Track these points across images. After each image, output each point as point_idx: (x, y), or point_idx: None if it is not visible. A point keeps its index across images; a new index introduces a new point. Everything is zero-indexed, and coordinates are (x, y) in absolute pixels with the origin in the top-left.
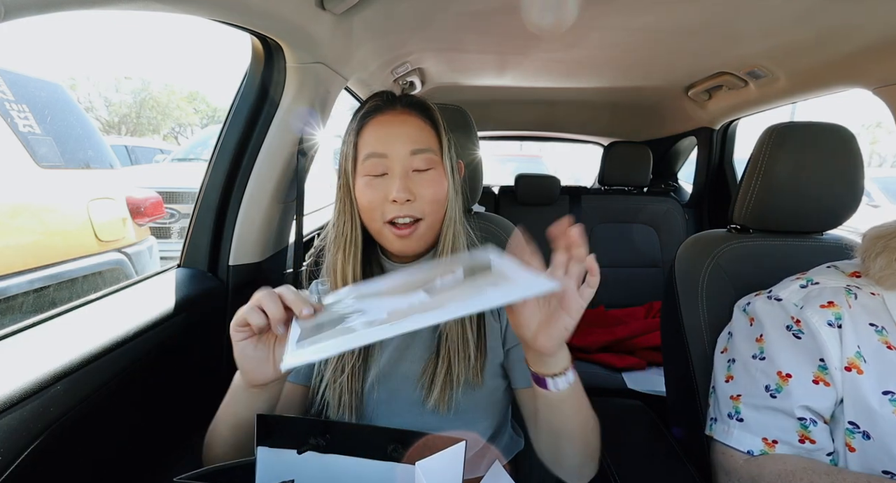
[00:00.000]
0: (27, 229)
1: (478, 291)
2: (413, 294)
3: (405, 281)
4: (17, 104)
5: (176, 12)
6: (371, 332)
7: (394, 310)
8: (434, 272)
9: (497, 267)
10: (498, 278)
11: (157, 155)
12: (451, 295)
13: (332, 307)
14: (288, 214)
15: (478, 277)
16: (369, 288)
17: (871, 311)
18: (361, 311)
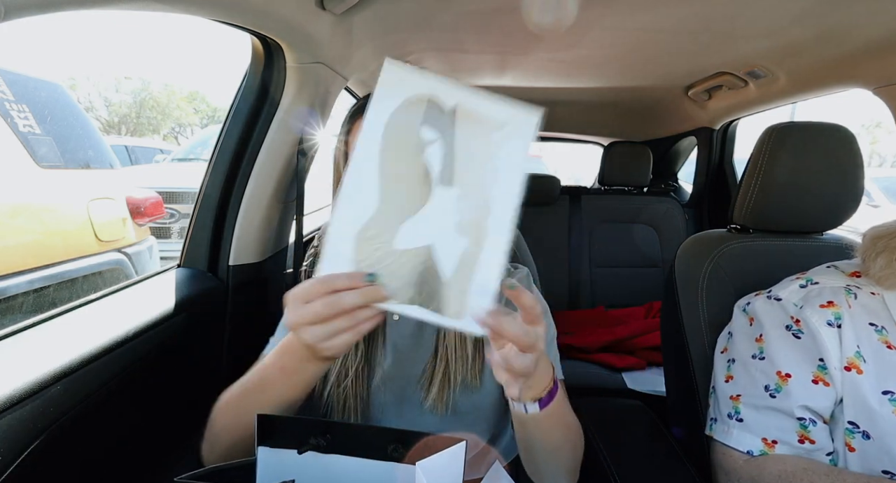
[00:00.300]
0: (27, 229)
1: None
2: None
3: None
4: (17, 104)
5: (176, 12)
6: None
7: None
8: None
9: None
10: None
11: (157, 155)
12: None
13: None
14: (288, 214)
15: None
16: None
17: (871, 311)
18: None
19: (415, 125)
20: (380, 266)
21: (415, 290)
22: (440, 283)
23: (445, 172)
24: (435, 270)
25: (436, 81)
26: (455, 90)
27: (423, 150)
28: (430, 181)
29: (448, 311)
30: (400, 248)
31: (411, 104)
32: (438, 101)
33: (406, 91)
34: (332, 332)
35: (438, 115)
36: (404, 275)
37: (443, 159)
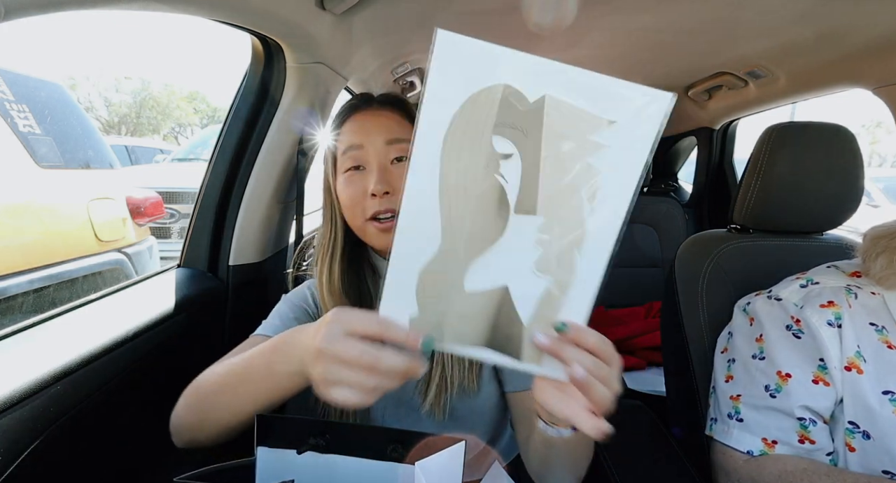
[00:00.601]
0: (27, 229)
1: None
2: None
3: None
4: (17, 104)
5: (176, 12)
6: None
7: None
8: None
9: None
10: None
11: (157, 155)
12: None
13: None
14: (288, 214)
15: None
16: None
17: (872, 311)
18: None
19: (484, 132)
20: (447, 307)
21: (487, 334)
22: (517, 328)
23: (525, 196)
24: (511, 315)
25: (515, 59)
26: (545, 69)
27: (497, 167)
28: (505, 208)
29: (526, 355)
30: (469, 290)
31: (479, 100)
32: (517, 92)
33: (473, 79)
34: (347, 381)
35: (517, 113)
36: (475, 318)
37: (522, 178)
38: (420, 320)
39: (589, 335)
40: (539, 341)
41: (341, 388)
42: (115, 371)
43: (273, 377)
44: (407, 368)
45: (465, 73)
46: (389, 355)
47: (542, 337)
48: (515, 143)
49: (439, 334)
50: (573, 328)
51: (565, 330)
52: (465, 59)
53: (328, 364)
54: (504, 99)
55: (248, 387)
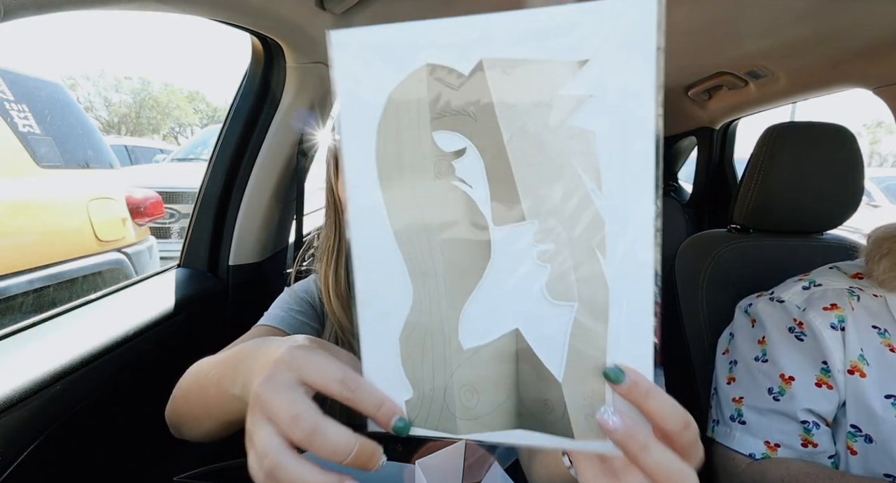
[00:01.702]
0: (27, 229)
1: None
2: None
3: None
4: (17, 104)
5: (176, 12)
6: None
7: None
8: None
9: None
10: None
11: (157, 155)
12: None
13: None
14: (288, 214)
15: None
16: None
17: (874, 314)
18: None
19: (421, 131)
20: (448, 377)
21: (514, 406)
22: (553, 388)
23: (502, 200)
24: (538, 369)
25: (428, 31)
26: (468, 29)
27: (451, 171)
28: (480, 222)
29: (581, 429)
30: (470, 348)
31: (402, 96)
32: (445, 68)
33: (386, 74)
34: (266, 449)
35: (454, 95)
36: (490, 385)
37: (490, 176)
38: (417, 403)
39: (654, 395)
40: (606, 423)
41: (254, 458)
42: (115, 371)
43: (222, 395)
44: (355, 457)
45: (374, 71)
46: (331, 433)
47: (612, 416)
48: (465, 134)
49: (449, 419)
50: (632, 379)
51: (621, 380)
52: (370, 55)
53: (256, 417)
54: (431, 83)
55: (204, 400)
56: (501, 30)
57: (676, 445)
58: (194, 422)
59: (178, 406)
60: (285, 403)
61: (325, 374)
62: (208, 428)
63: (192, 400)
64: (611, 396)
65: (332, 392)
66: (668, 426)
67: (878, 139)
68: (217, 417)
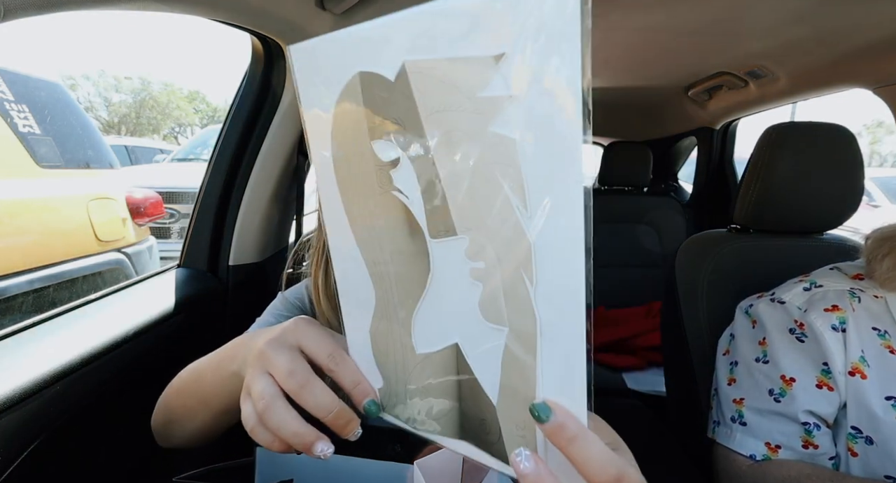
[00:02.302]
0: (27, 229)
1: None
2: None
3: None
4: (17, 104)
5: (176, 12)
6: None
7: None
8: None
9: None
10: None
11: (157, 155)
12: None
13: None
14: (288, 214)
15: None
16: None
17: (875, 315)
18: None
19: (362, 141)
20: (408, 378)
21: (457, 418)
22: (488, 411)
23: (433, 212)
24: (475, 389)
25: (355, 37)
26: (389, 31)
27: (390, 181)
28: (419, 234)
29: (513, 455)
30: (422, 353)
31: (344, 105)
32: (374, 75)
33: (332, 85)
34: (261, 399)
35: (384, 102)
36: (439, 392)
37: (422, 187)
38: (386, 393)
39: (581, 440)
40: (517, 466)
41: (249, 406)
42: (114, 371)
43: (219, 377)
44: (334, 417)
45: (323, 82)
46: (317, 391)
47: (525, 460)
48: (398, 143)
49: (411, 415)
50: (558, 422)
51: (546, 420)
52: (319, 66)
53: (257, 369)
54: (365, 91)
55: (200, 387)
56: (418, 27)
57: None
58: (186, 415)
59: (169, 402)
60: (285, 359)
61: (319, 345)
62: (201, 420)
63: (187, 391)
64: (542, 434)
65: (320, 362)
66: (595, 479)
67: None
68: (211, 404)
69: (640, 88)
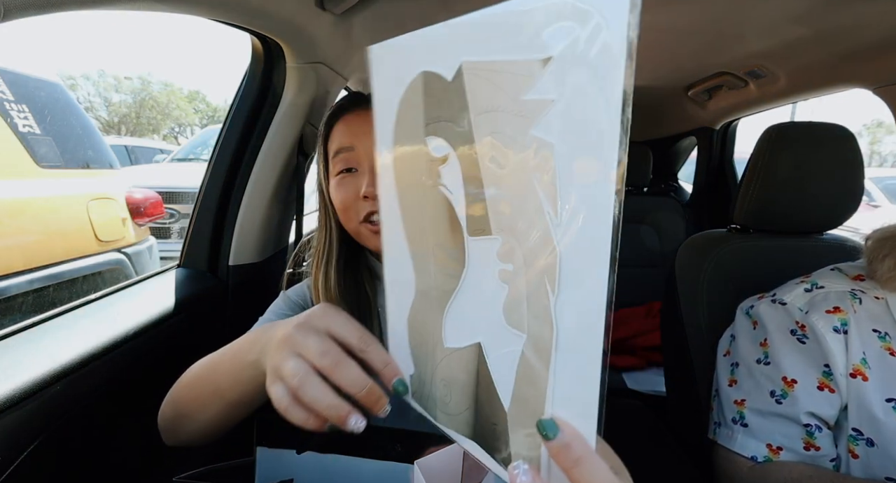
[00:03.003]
0: (27, 229)
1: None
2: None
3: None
4: (17, 104)
5: (176, 12)
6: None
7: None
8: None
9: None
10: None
11: (158, 155)
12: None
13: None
14: (288, 214)
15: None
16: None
17: (875, 317)
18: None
19: (418, 136)
20: (434, 368)
21: (472, 417)
22: (500, 416)
23: (473, 210)
24: (491, 392)
25: (421, 39)
26: (450, 33)
27: (438, 176)
28: (459, 230)
29: (518, 458)
30: (449, 347)
31: (407, 102)
32: (434, 75)
33: (398, 82)
34: (294, 378)
35: (442, 100)
36: (459, 390)
37: (465, 185)
38: (417, 381)
39: (586, 463)
40: (514, 479)
41: (281, 387)
42: (114, 371)
43: (235, 366)
44: (367, 393)
45: (393, 81)
46: (352, 368)
47: (522, 475)
48: (448, 140)
49: (433, 404)
50: (564, 441)
51: (552, 437)
52: (393, 65)
53: (285, 352)
54: (426, 89)
55: (214, 378)
56: (475, 30)
57: None
58: (199, 408)
59: (180, 396)
60: (316, 341)
61: (348, 328)
62: (214, 411)
63: (200, 383)
64: (546, 451)
65: (351, 344)
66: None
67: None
68: (225, 395)
69: (640, 88)
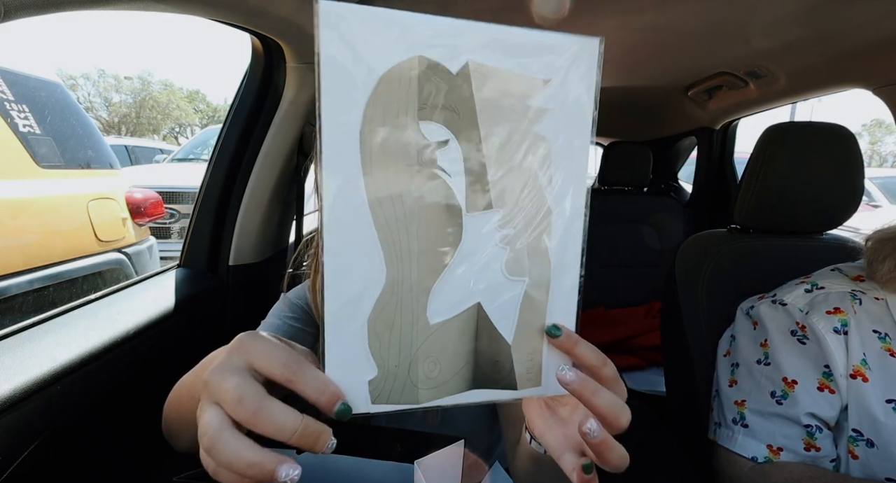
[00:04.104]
0: (27, 229)
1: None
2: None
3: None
4: (17, 104)
5: (176, 12)
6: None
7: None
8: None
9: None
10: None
11: (158, 155)
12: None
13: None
14: (288, 214)
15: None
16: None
17: (875, 317)
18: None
19: (408, 119)
20: (413, 354)
21: (470, 370)
22: (503, 350)
23: (476, 189)
24: (493, 336)
25: (425, 24)
26: (459, 31)
27: (433, 160)
28: (455, 210)
29: (522, 381)
30: (436, 323)
31: (393, 82)
32: (436, 64)
33: (380, 57)
34: (213, 433)
35: (442, 89)
36: (450, 356)
37: (467, 168)
38: (381, 381)
39: (581, 343)
40: (564, 377)
41: (205, 439)
42: (114, 371)
43: (191, 403)
44: (300, 436)
45: (366, 53)
46: (275, 412)
47: (568, 372)
48: (448, 126)
49: (411, 391)
50: (566, 334)
51: (558, 335)
52: (362, 35)
53: (203, 402)
54: (422, 74)
55: (179, 407)
56: (488, 38)
57: (601, 379)
58: (178, 431)
59: (167, 415)
60: (232, 385)
61: (271, 358)
62: (190, 438)
63: (172, 412)
64: (546, 351)
65: (275, 375)
66: (591, 362)
67: (878, 139)
68: (192, 429)
69: (640, 88)
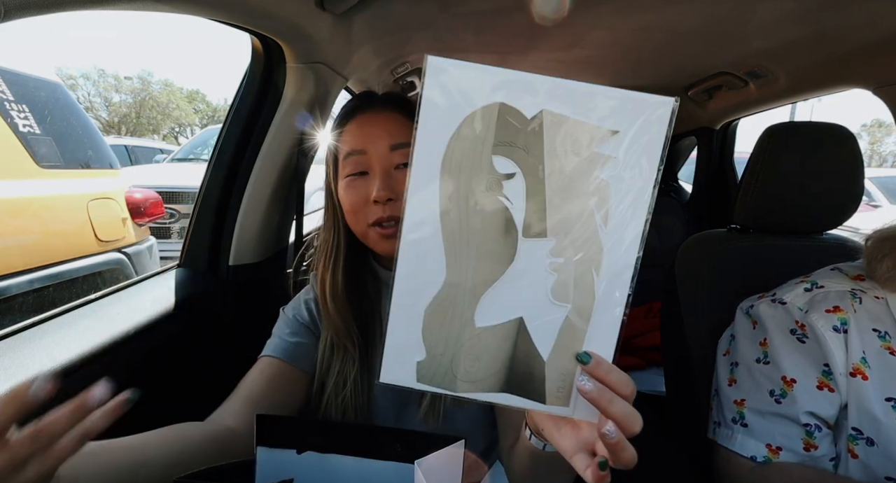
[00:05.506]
0: (27, 229)
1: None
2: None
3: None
4: (17, 104)
5: (176, 12)
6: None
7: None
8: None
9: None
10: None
11: (158, 155)
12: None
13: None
14: (288, 214)
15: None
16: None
17: (875, 316)
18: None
19: (483, 153)
20: (458, 347)
21: (505, 374)
22: (537, 365)
23: (533, 218)
24: (530, 350)
25: (507, 77)
26: (539, 85)
27: (500, 188)
28: (513, 233)
29: (551, 396)
30: (481, 326)
31: (475, 121)
32: (513, 109)
33: (467, 101)
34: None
35: (516, 131)
36: (489, 357)
37: (528, 198)
38: (427, 364)
39: (613, 372)
40: (583, 387)
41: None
42: (114, 371)
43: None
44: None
45: (457, 96)
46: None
47: (586, 382)
48: (517, 162)
49: (451, 379)
50: (596, 361)
51: (588, 362)
52: (456, 82)
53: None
54: (501, 117)
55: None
56: (564, 91)
57: (620, 394)
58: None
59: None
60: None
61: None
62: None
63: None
64: (579, 374)
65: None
66: (622, 391)
67: (878, 139)
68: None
69: (639, 88)
